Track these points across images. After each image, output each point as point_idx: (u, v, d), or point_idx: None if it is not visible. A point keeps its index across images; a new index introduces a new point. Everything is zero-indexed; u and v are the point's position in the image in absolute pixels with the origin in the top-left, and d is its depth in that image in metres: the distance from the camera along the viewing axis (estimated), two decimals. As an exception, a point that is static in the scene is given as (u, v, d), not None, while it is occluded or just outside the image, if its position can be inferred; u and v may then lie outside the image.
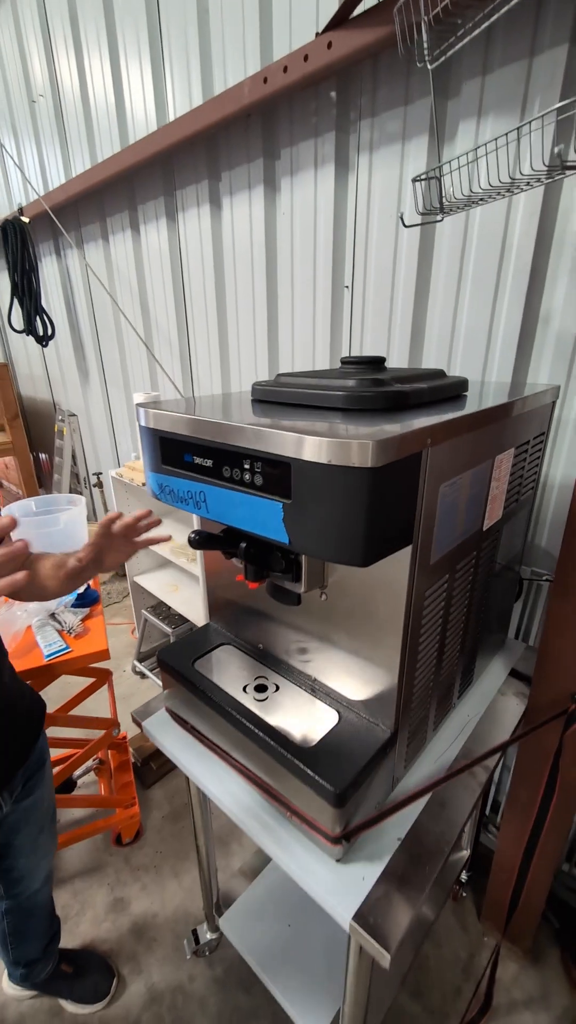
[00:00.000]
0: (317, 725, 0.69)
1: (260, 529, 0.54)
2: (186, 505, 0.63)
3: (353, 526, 0.46)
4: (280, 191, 1.47)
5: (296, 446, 0.47)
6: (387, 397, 0.59)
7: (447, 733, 0.85)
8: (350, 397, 0.59)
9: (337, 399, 0.59)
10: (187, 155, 1.69)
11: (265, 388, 0.68)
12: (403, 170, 1.19)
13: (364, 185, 1.28)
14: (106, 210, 2.15)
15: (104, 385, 2.66)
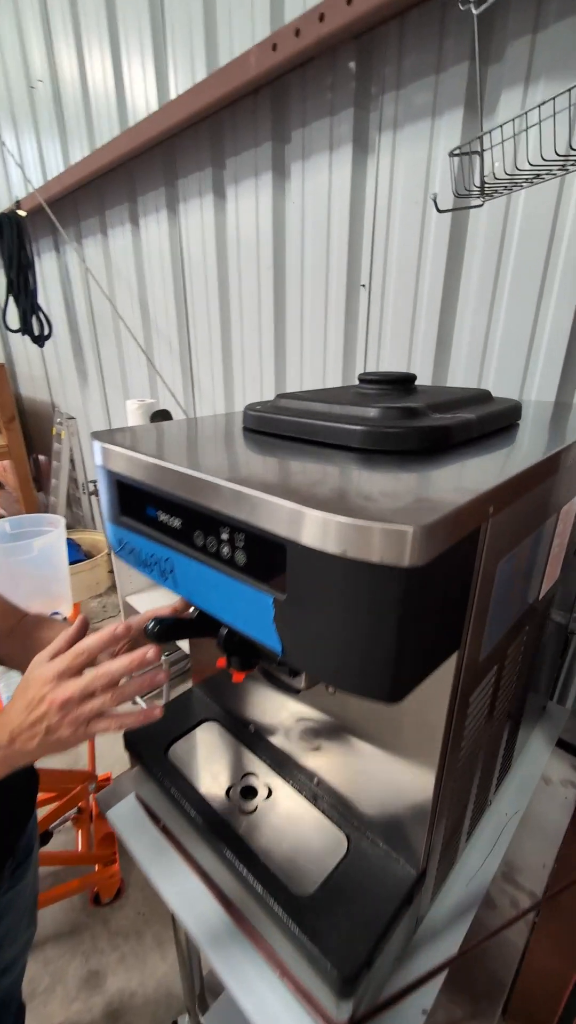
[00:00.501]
0: (319, 856, 0.53)
1: (242, 625, 0.38)
2: (150, 572, 0.47)
3: (378, 648, 0.30)
4: (290, 178, 1.32)
5: (293, 522, 0.31)
6: (424, 435, 0.43)
7: (482, 841, 0.68)
8: (373, 434, 0.42)
9: (355, 436, 0.43)
10: (190, 141, 1.53)
11: (260, 415, 0.52)
12: (432, 151, 1.03)
13: (386, 169, 1.11)
14: (105, 203, 2.01)
15: (103, 388, 2.52)
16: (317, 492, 0.33)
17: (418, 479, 0.36)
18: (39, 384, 3.24)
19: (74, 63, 1.90)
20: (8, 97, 2.41)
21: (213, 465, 0.40)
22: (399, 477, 0.37)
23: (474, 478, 0.37)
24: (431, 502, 0.31)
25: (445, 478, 0.37)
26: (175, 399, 1.88)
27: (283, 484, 0.35)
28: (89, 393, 2.67)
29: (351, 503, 0.30)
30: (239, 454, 0.44)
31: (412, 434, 0.42)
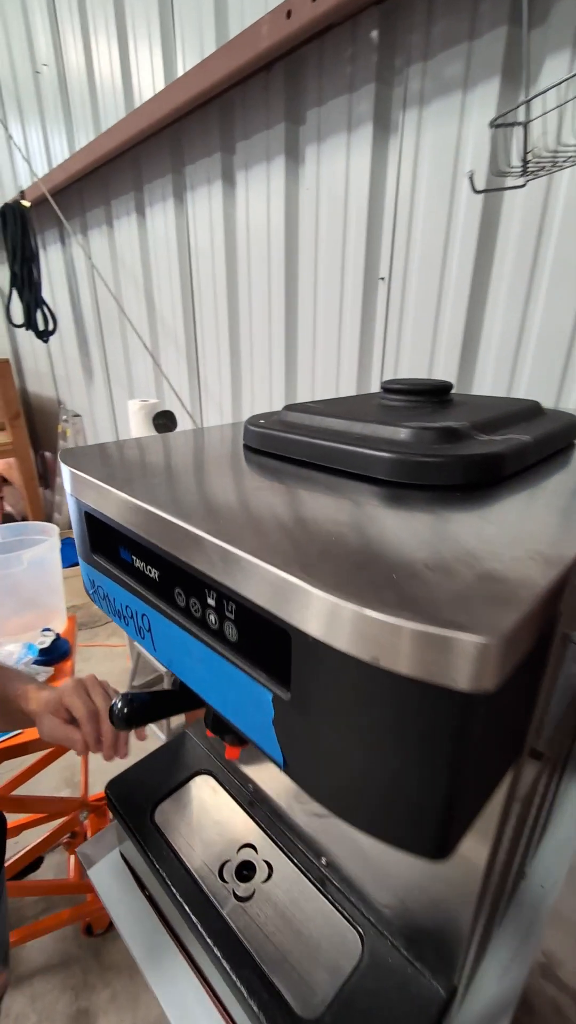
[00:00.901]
0: (328, 961, 0.44)
1: (233, 716, 0.30)
2: (126, 625, 0.39)
3: (421, 792, 0.21)
4: (304, 163, 1.22)
5: (298, 604, 0.22)
6: (473, 465, 0.33)
7: (515, 922, 0.59)
8: (407, 464, 0.33)
9: (383, 464, 0.34)
10: (198, 124, 1.44)
11: (264, 432, 0.43)
12: (462, 129, 0.92)
13: (409, 151, 1.01)
14: (110, 192, 1.92)
15: (108, 385, 2.44)
16: (333, 558, 0.23)
17: (474, 533, 0.27)
18: (45, 380, 3.18)
19: (79, 44, 1.81)
20: (14, 83, 2.33)
21: (196, 505, 0.31)
22: (446, 529, 0.27)
23: (549, 531, 0.28)
24: (503, 581, 0.21)
25: (510, 531, 0.27)
26: (179, 399, 1.79)
27: (285, 541, 0.25)
28: (94, 390, 2.60)
29: (384, 581, 0.21)
30: (231, 489, 0.35)
31: (457, 464, 0.33)
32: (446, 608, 0.19)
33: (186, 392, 1.84)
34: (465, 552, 0.24)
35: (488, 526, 0.28)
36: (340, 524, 0.28)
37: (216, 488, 0.35)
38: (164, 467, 0.40)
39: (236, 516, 0.29)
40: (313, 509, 0.31)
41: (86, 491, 0.37)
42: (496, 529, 0.27)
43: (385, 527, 0.28)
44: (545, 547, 0.25)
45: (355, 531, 0.27)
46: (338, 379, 1.29)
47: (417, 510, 0.30)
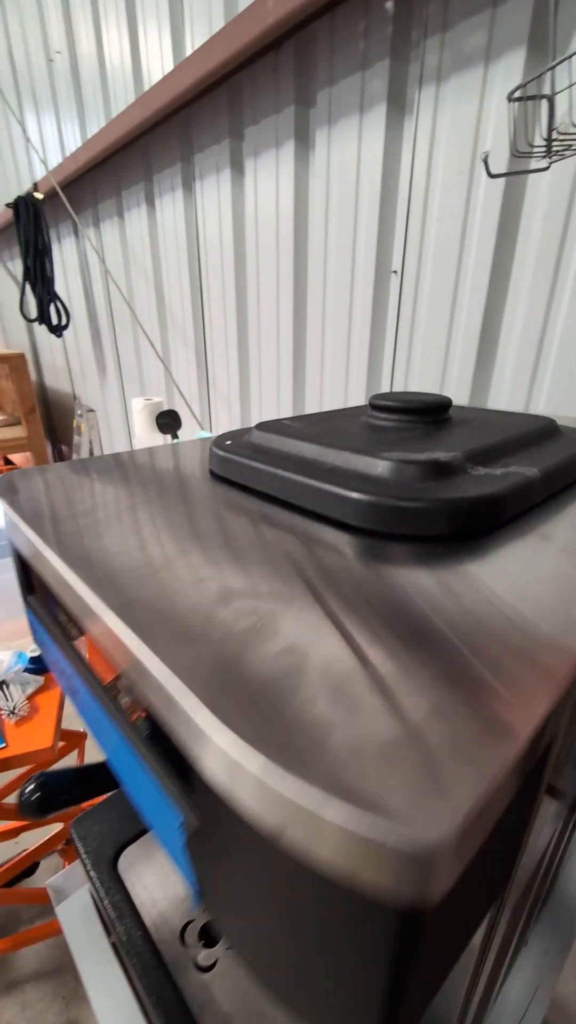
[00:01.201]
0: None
1: (150, 822, 0.24)
2: (61, 680, 0.34)
3: (356, 995, 0.16)
4: (314, 148, 1.14)
5: (195, 734, 0.16)
6: (460, 512, 0.27)
7: (514, 997, 0.53)
8: (380, 508, 0.28)
9: (353, 508, 0.28)
10: (207, 110, 1.38)
11: (227, 457, 0.37)
12: (483, 107, 0.84)
13: (425, 133, 0.93)
14: (121, 182, 1.88)
15: (120, 380, 2.41)
16: (247, 679, 0.18)
17: (448, 621, 0.21)
18: (62, 375, 3.18)
19: (90, 27, 1.76)
20: (28, 72, 2.30)
21: (111, 569, 0.26)
22: (415, 613, 0.21)
23: (549, 617, 0.21)
24: (466, 725, 0.15)
25: (496, 619, 0.21)
26: (184, 399, 1.75)
27: (196, 643, 0.20)
28: (107, 386, 2.58)
29: (308, 722, 0.15)
30: (168, 542, 0.29)
31: (439, 511, 0.27)
32: (376, 778, 0.13)
33: (195, 388, 1.80)
34: (429, 663, 0.18)
35: (467, 612, 0.22)
36: (276, 610, 0.22)
37: (149, 539, 0.30)
38: (107, 502, 0.35)
39: (151, 592, 0.24)
40: (255, 581, 0.25)
41: (12, 527, 0.33)
42: (478, 615, 0.21)
43: (339, 613, 0.22)
44: (541, 648, 0.19)
45: (295, 623, 0.21)
46: (347, 378, 1.23)
47: (389, 577, 0.24)
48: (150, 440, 1.40)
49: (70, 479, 0.40)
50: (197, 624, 0.20)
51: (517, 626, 0.20)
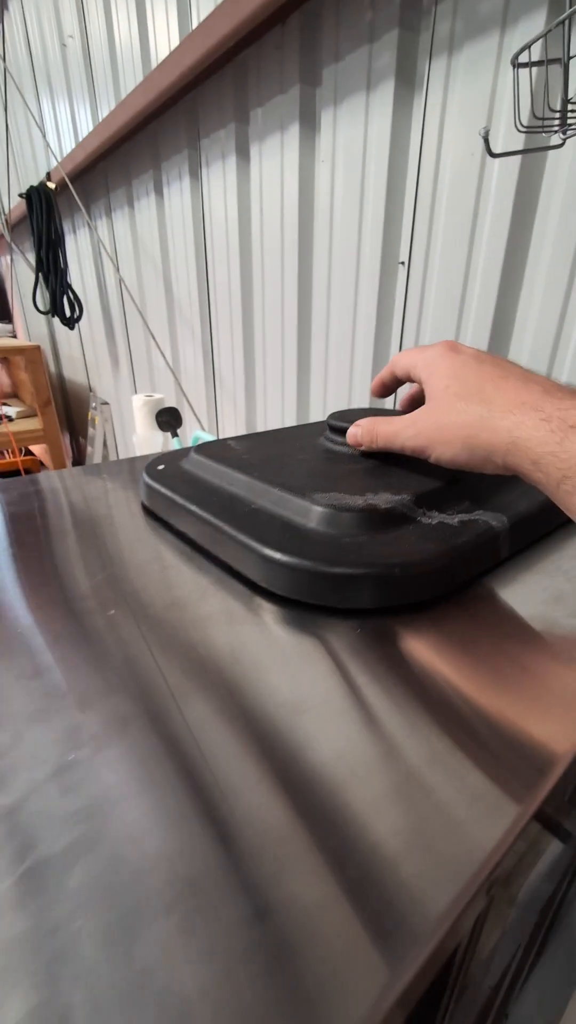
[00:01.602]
0: None
1: None
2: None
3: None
4: (320, 131, 1.07)
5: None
6: (392, 579, 0.22)
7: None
8: (298, 573, 0.23)
9: (262, 569, 0.24)
10: (212, 92, 1.32)
11: (154, 486, 0.33)
12: (497, 79, 0.76)
13: (435, 109, 0.85)
14: (131, 171, 1.83)
15: (132, 374, 2.39)
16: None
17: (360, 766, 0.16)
18: (78, 366, 3.18)
19: (101, 10, 1.71)
20: (44, 59, 2.27)
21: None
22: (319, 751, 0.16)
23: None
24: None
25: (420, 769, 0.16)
26: (183, 393, 1.71)
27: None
28: (120, 379, 2.56)
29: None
30: (44, 622, 0.25)
31: (362, 583, 0.22)
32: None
33: (201, 383, 1.76)
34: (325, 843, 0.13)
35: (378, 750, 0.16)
36: (102, 739, 0.17)
37: (24, 618, 0.25)
38: (16, 543, 0.31)
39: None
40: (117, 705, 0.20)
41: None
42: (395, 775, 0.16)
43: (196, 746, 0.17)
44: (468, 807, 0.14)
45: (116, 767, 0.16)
46: (351, 373, 1.16)
47: (298, 678, 0.19)
48: (150, 438, 1.37)
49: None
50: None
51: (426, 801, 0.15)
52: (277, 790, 0.17)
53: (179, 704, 0.20)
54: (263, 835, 0.15)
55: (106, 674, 0.22)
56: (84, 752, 0.18)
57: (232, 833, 0.15)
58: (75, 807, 0.16)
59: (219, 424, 1.75)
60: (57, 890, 0.14)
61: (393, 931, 0.13)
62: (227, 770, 0.17)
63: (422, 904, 0.13)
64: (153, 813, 0.16)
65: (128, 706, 0.20)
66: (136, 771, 0.17)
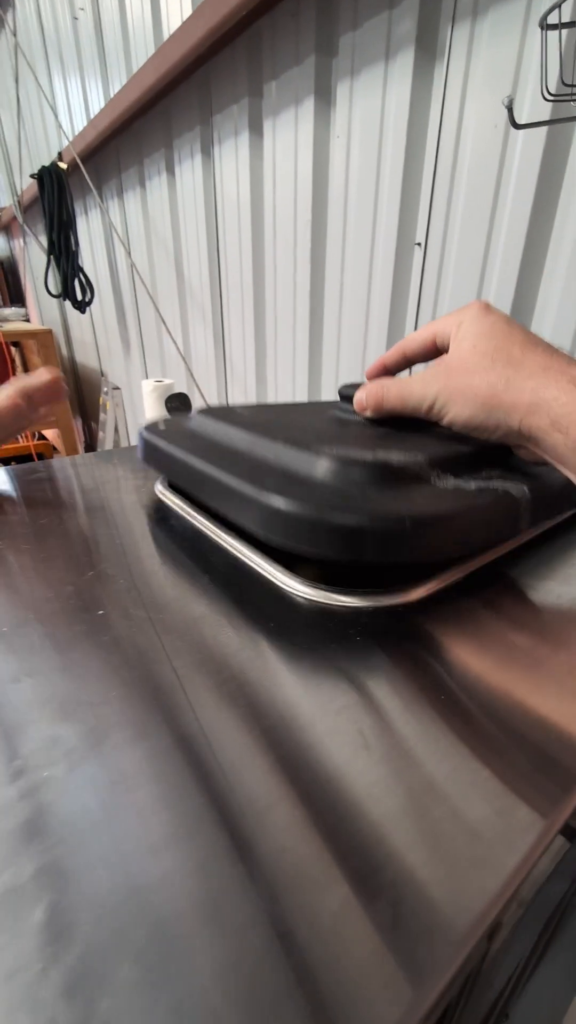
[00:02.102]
0: None
1: None
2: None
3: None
4: (336, 105, 1.03)
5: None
6: (398, 533, 0.21)
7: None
8: (290, 520, 0.22)
9: (258, 514, 0.23)
10: (226, 64, 1.27)
11: (152, 440, 0.32)
12: (524, 44, 0.71)
13: (457, 78, 0.81)
14: (143, 149, 1.79)
15: (143, 358, 2.38)
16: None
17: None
18: (90, 350, 3.17)
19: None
20: (56, 33, 2.22)
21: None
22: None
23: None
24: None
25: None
26: (193, 379, 1.69)
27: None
28: (131, 363, 2.55)
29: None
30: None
31: (367, 530, 0.20)
32: None
33: (212, 368, 1.73)
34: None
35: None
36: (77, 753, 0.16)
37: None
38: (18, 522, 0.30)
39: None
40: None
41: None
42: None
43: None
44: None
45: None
46: (364, 358, 1.13)
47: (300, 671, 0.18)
48: (159, 424, 1.36)
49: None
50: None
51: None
52: (292, 801, 0.16)
53: (182, 713, 0.19)
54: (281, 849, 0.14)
55: (89, 681, 0.21)
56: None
57: (249, 846, 0.14)
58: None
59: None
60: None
61: (416, 949, 0.13)
62: (242, 782, 0.16)
63: (447, 922, 0.13)
64: (165, 827, 0.15)
65: (115, 716, 0.19)
66: (149, 785, 0.16)
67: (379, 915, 0.13)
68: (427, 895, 0.14)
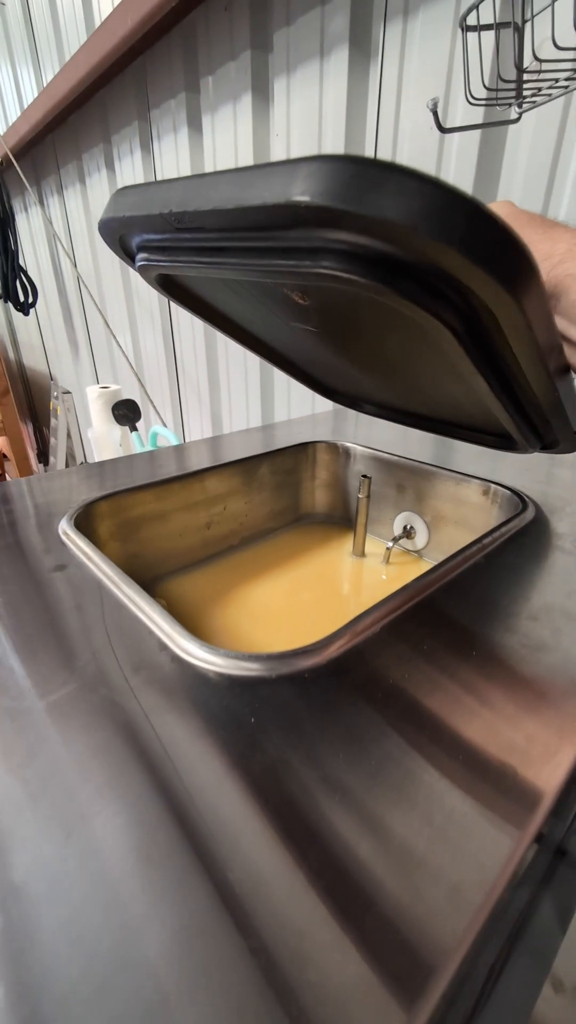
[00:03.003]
0: None
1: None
2: None
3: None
4: (274, 101, 1.01)
5: None
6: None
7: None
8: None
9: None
10: (161, 57, 1.23)
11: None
12: (455, 45, 0.71)
13: (392, 78, 0.80)
14: (81, 144, 1.72)
15: (93, 362, 2.30)
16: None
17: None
18: (38, 354, 3.05)
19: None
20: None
21: None
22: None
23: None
24: None
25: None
26: (141, 383, 1.64)
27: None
28: (81, 367, 2.46)
29: None
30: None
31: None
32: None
33: (164, 372, 1.69)
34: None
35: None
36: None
37: None
38: None
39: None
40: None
41: None
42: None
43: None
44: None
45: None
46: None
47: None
48: (107, 433, 1.31)
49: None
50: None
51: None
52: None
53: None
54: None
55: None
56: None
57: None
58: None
59: (183, 415, 1.69)
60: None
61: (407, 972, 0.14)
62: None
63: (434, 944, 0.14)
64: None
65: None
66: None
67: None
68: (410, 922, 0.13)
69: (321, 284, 0.22)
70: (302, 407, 1.22)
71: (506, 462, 0.57)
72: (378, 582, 0.54)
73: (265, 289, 0.29)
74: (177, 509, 0.52)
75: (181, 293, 0.37)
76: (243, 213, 0.19)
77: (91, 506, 0.44)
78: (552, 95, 0.48)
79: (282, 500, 0.63)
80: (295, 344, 0.40)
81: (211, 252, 0.24)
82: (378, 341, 0.31)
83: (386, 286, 0.19)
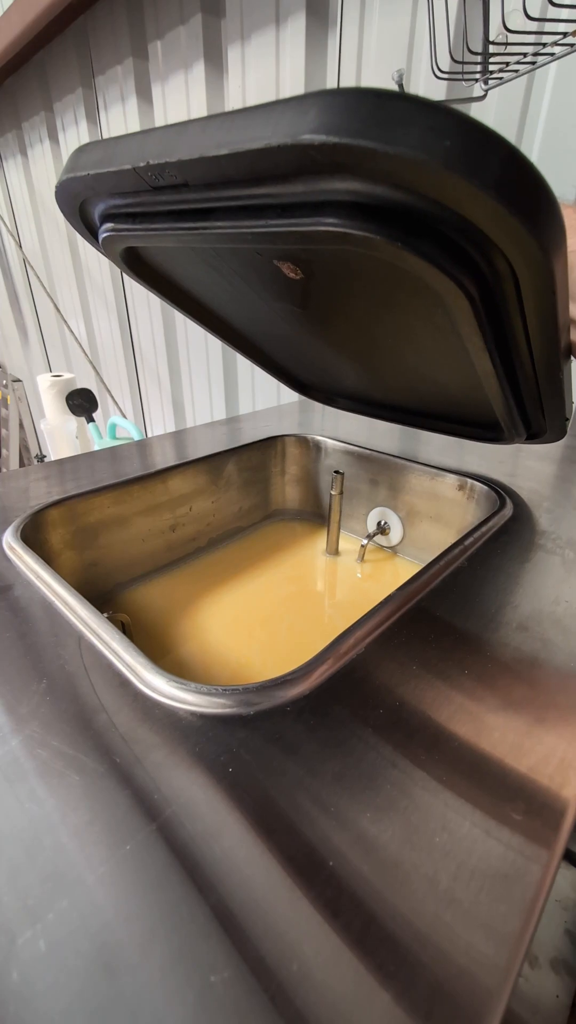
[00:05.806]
0: None
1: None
2: None
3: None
4: (228, 71, 0.95)
5: None
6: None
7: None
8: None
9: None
10: (104, 17, 1.14)
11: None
12: (417, 16, 0.68)
13: (351, 49, 0.77)
14: (20, 112, 1.60)
15: (44, 348, 2.17)
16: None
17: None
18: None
19: None
20: None
21: None
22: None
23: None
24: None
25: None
26: (96, 370, 1.56)
27: None
28: (31, 353, 2.33)
29: None
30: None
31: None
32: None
33: (120, 358, 1.61)
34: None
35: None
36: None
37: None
38: None
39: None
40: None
41: None
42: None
43: None
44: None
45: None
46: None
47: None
48: (62, 425, 1.23)
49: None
50: None
51: None
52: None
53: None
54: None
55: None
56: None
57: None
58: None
59: (144, 404, 1.62)
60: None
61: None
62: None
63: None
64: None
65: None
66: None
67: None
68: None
69: (324, 247, 0.19)
70: (267, 397, 1.18)
71: (475, 454, 0.56)
72: (354, 581, 0.53)
73: (251, 263, 0.26)
74: (138, 512, 0.48)
75: (147, 271, 0.33)
76: (237, 161, 0.16)
77: (40, 514, 0.40)
78: (519, 71, 0.46)
79: (251, 498, 0.60)
80: (272, 329, 0.37)
81: (194, 216, 0.21)
82: (371, 320, 0.29)
83: (404, 246, 0.16)
